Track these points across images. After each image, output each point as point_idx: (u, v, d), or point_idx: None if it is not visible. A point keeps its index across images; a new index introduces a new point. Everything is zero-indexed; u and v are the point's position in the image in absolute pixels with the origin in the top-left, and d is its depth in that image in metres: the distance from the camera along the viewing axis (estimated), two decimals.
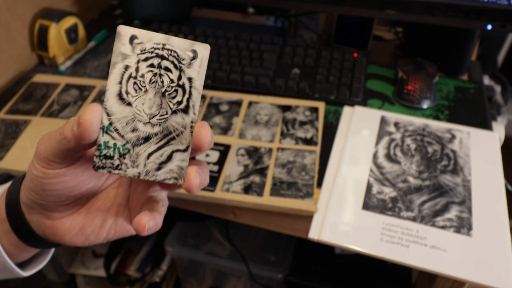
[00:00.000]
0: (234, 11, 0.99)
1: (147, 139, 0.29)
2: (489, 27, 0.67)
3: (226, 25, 0.95)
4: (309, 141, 0.64)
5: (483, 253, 0.51)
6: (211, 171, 0.60)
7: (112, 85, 0.28)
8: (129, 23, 0.87)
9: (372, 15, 0.73)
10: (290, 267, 0.81)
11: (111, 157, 0.29)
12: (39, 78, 0.79)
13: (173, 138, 0.29)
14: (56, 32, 0.80)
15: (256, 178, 0.59)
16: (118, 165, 0.29)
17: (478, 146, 0.63)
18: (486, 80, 0.83)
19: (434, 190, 0.57)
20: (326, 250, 0.79)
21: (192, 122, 0.29)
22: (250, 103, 0.71)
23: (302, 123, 0.67)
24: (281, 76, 0.73)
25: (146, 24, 0.85)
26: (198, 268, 0.94)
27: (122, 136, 0.29)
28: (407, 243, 0.52)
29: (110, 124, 0.28)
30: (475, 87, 0.75)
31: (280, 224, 0.57)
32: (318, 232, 0.54)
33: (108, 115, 0.28)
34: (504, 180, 0.59)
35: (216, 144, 0.64)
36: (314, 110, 0.69)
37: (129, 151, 0.29)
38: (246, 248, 0.88)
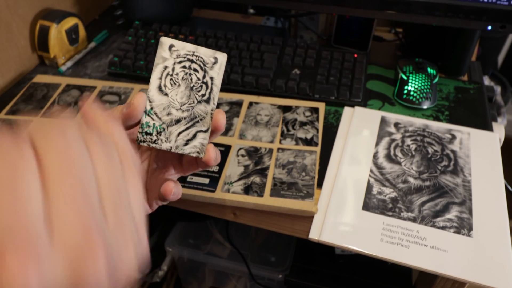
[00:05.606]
0: (234, 11, 1.00)
1: (178, 121, 0.37)
2: (489, 27, 0.67)
3: (226, 25, 0.95)
4: (309, 142, 0.64)
5: (484, 253, 0.51)
6: (211, 172, 0.60)
7: (154, 80, 0.36)
8: (129, 24, 0.87)
9: (372, 16, 0.73)
10: (290, 268, 0.81)
11: (150, 134, 0.36)
12: (40, 78, 0.79)
13: (198, 122, 0.37)
14: (57, 33, 0.80)
15: (256, 179, 0.59)
16: (155, 140, 0.37)
17: (478, 147, 0.63)
18: (486, 81, 0.83)
19: (435, 190, 0.57)
20: (326, 250, 0.79)
21: (212, 110, 0.37)
22: (251, 104, 0.71)
23: (303, 124, 0.67)
24: (282, 76, 0.73)
25: (147, 25, 0.85)
26: (198, 268, 0.94)
27: (160, 118, 0.37)
28: (407, 243, 0.52)
29: (151, 108, 0.36)
30: (475, 87, 0.75)
31: (281, 224, 0.57)
32: (319, 232, 0.54)
33: (150, 101, 0.36)
34: (504, 181, 0.59)
35: (216, 144, 0.64)
36: (315, 110, 0.69)
37: (164, 129, 0.37)
38: (247, 248, 0.89)
